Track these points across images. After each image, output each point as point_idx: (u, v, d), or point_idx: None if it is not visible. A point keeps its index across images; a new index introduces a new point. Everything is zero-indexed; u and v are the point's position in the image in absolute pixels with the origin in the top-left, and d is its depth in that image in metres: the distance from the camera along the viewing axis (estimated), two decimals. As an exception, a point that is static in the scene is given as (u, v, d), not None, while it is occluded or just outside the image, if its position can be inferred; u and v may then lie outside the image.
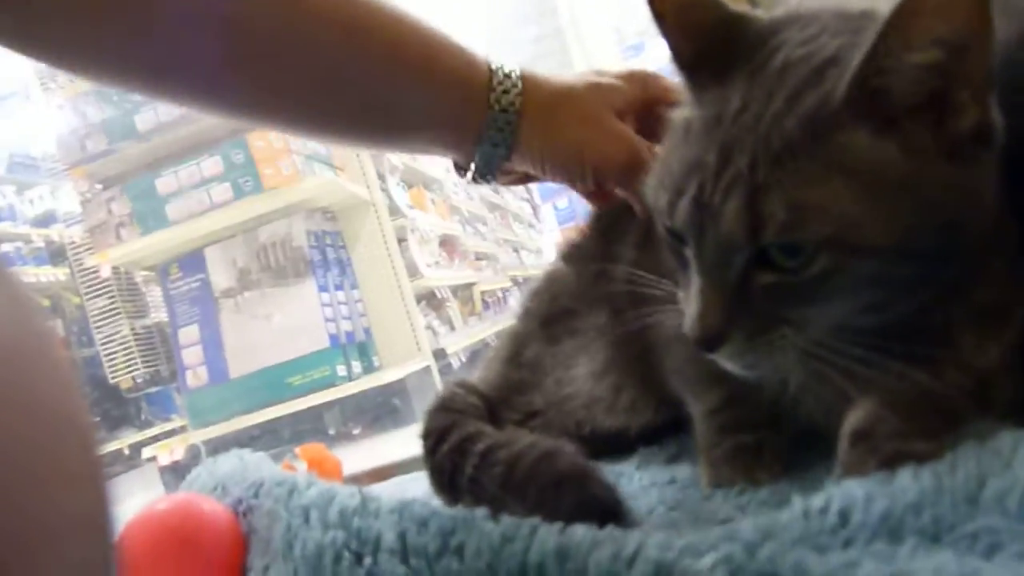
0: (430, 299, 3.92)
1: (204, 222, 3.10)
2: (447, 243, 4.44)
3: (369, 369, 3.25)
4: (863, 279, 0.43)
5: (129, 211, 3.15)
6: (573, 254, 0.74)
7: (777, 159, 0.42)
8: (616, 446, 0.68)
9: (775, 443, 0.53)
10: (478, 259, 5.14)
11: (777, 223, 0.42)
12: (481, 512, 0.47)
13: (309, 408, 3.07)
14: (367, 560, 0.50)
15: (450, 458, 0.62)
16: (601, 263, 0.66)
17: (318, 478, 0.67)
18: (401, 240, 3.54)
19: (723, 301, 0.44)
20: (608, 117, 0.68)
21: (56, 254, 5.07)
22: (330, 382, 3.06)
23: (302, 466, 0.83)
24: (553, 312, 0.72)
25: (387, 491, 0.69)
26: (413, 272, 3.56)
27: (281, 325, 3.14)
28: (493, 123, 0.69)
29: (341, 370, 3.09)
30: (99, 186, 3.28)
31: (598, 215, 0.75)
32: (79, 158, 3.24)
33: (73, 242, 4.55)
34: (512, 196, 6.55)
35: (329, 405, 3.16)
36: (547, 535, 0.43)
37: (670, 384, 0.60)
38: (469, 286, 4.74)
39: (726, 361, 0.47)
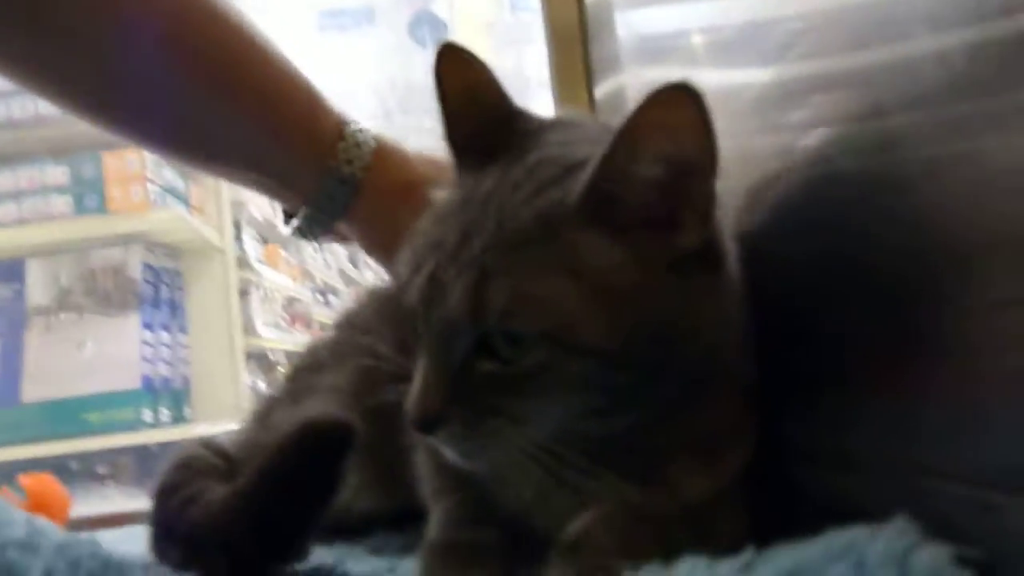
0: (261, 359, 3.79)
1: (34, 231, 2.90)
2: (292, 307, 4.33)
3: (179, 420, 3.07)
4: (579, 380, 0.42)
5: (-47, 202, 2.92)
6: (343, 322, 0.72)
7: (508, 248, 0.43)
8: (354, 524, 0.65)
9: (497, 543, 0.51)
10: (322, 330, 5.02)
11: (497, 310, 0.42)
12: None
13: (106, 450, 2.86)
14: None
15: (174, 514, 0.59)
16: (370, 335, 0.64)
17: (21, 509, 0.61)
18: (244, 294, 3.43)
19: (444, 383, 0.44)
20: None
21: None
22: (132, 426, 2.86)
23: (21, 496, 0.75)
24: (302, 367, 0.69)
25: (108, 538, 0.63)
26: (249, 329, 3.43)
27: (93, 356, 2.94)
28: (326, 191, 0.64)
29: (147, 415, 2.90)
30: (-73, 169, 3.04)
31: (377, 290, 0.73)
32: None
33: None
34: (371, 274, 6.49)
35: (127, 450, 2.96)
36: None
37: (415, 478, 0.58)
38: (308, 355, 4.61)
39: (442, 445, 0.46)
